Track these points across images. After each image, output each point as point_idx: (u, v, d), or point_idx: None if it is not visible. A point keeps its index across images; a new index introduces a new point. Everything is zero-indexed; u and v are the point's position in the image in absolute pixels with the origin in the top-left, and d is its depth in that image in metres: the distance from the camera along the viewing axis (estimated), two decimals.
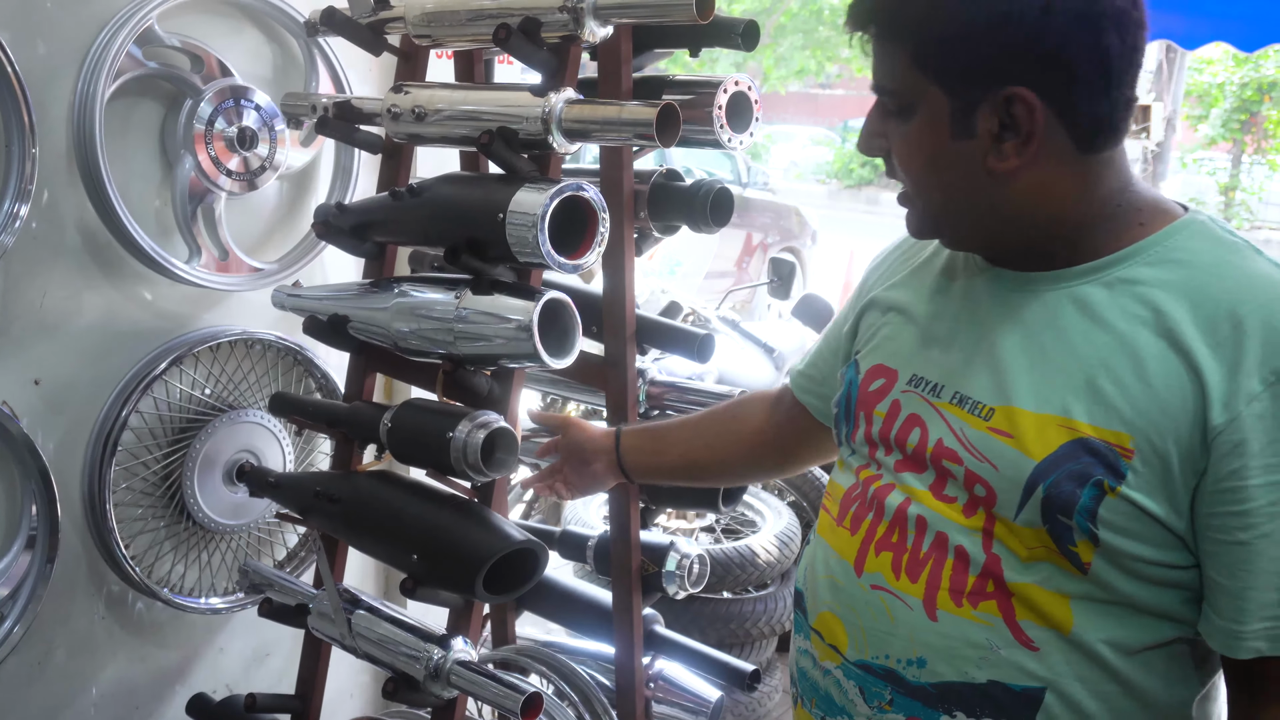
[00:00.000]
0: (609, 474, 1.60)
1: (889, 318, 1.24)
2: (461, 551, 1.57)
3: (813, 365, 1.41)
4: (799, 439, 1.47)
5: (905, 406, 1.15)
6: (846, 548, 1.15)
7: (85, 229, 1.95)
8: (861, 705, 1.12)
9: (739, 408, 1.57)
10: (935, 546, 1.08)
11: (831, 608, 1.15)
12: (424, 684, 1.68)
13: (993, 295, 1.13)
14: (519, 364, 1.62)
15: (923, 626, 1.07)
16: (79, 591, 2.06)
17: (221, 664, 2.34)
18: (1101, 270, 1.05)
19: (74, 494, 2.01)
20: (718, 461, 1.56)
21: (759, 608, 3.15)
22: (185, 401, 2.12)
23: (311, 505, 1.84)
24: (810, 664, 1.19)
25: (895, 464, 1.14)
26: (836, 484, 1.23)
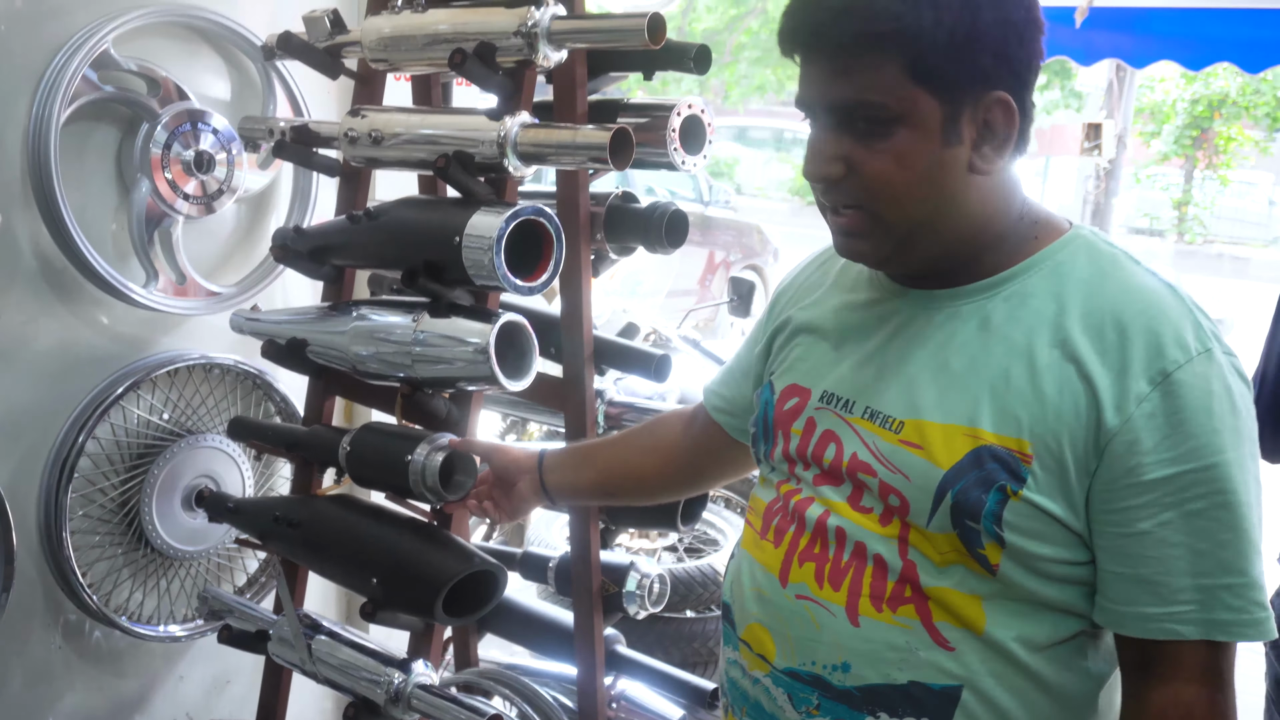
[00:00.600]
0: (533, 494, 1.60)
1: (799, 339, 1.27)
2: (421, 574, 1.57)
3: (725, 385, 1.43)
4: (712, 456, 1.48)
5: (820, 423, 1.18)
6: (771, 560, 1.18)
7: (40, 253, 1.95)
8: (790, 711, 1.14)
9: (657, 426, 1.58)
10: (855, 555, 1.11)
11: (759, 619, 1.17)
12: (385, 708, 1.68)
13: (899, 313, 1.17)
14: (477, 387, 1.63)
15: (846, 632, 1.10)
16: (35, 621, 2.04)
17: (182, 692, 2.32)
18: (1000, 286, 1.10)
19: (29, 521, 1.99)
20: (634, 479, 1.56)
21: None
22: (143, 427, 2.11)
23: (271, 530, 1.83)
24: (739, 674, 1.21)
25: (814, 478, 1.17)
26: (758, 499, 1.26)
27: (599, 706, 2.15)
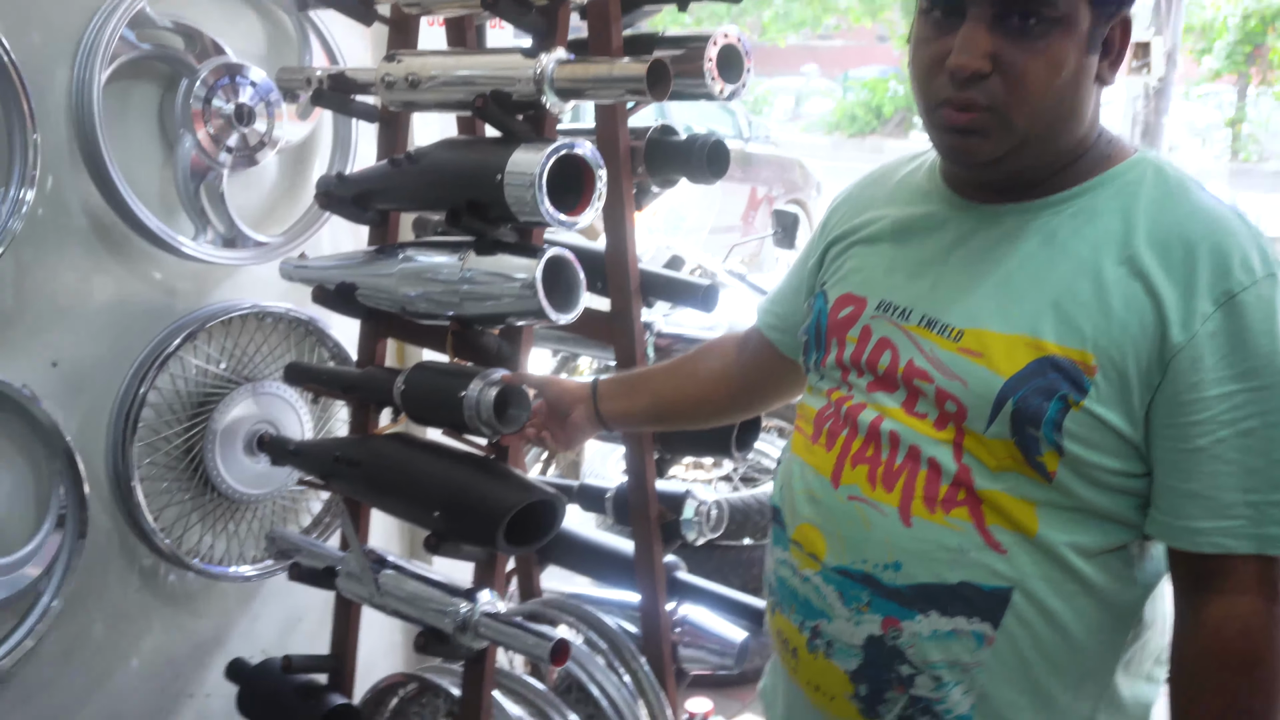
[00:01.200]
0: (587, 423, 1.63)
1: (855, 251, 1.28)
2: (481, 505, 1.60)
3: (777, 302, 1.44)
4: (767, 375, 1.50)
5: (876, 331, 1.19)
6: (822, 463, 1.20)
7: (91, 212, 1.98)
8: (839, 608, 1.16)
9: (710, 350, 1.59)
10: (909, 459, 1.13)
11: (810, 519, 1.20)
12: (453, 637, 1.73)
13: (960, 227, 1.18)
14: (526, 321, 1.65)
15: (898, 532, 1.12)
16: (112, 566, 2.12)
17: (256, 630, 2.40)
18: (1066, 202, 1.12)
19: (99, 472, 2.05)
20: (688, 403, 1.58)
21: None
22: (201, 376, 2.16)
23: (332, 470, 1.88)
24: (789, 573, 1.23)
25: (867, 385, 1.19)
26: (807, 406, 1.28)
27: (662, 631, 2.20)
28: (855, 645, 1.16)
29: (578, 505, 2.25)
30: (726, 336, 1.60)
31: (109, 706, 2.15)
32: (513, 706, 2.08)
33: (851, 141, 17.48)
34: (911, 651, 1.13)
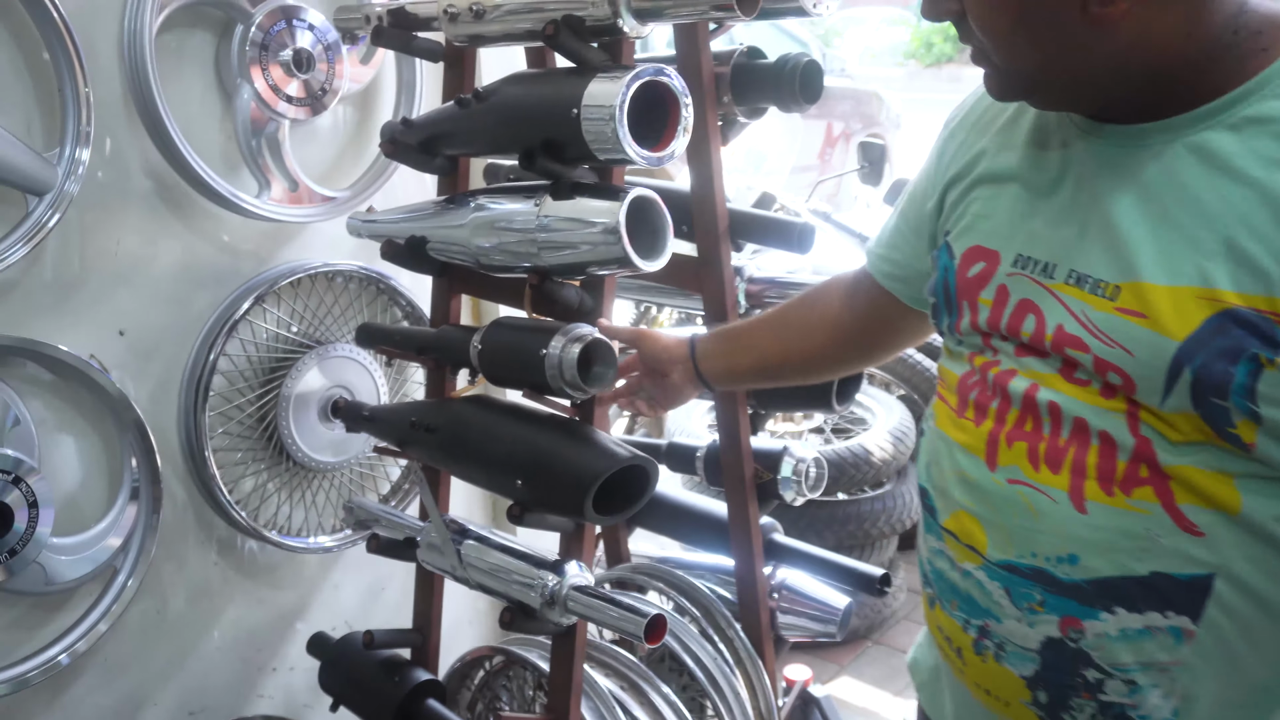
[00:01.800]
0: (687, 384, 1.50)
1: (978, 192, 1.09)
2: (568, 473, 1.48)
3: (893, 248, 1.27)
4: (884, 326, 1.35)
5: (1014, 291, 1.02)
6: (973, 441, 1.04)
7: (152, 171, 1.89)
8: (1009, 607, 1.01)
9: (814, 300, 1.44)
10: (1075, 433, 0.96)
11: (965, 506, 1.04)
12: (541, 612, 1.62)
13: (1098, 155, 0.99)
14: (609, 270, 1.51)
15: (1071, 520, 0.96)
16: (190, 539, 2.05)
17: (338, 601, 2.33)
18: (1224, 111, 0.91)
19: (172, 442, 1.98)
20: (796, 359, 1.44)
21: (876, 507, 3.05)
22: (272, 341, 2.07)
23: (408, 436, 1.78)
24: (947, 565, 1.08)
25: (1014, 350, 1.02)
26: (949, 371, 1.11)
27: (760, 597, 2.07)
28: (1030, 649, 1.01)
29: (666, 465, 2.12)
30: (831, 283, 1.44)
31: (191, 682, 2.10)
32: (603, 679, 1.98)
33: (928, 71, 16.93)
34: (1098, 654, 0.98)
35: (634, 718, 1.93)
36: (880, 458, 3.01)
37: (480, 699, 2.16)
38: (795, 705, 2.30)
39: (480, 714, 2.16)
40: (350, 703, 1.98)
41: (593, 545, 1.70)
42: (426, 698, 1.91)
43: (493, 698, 2.16)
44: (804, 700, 2.32)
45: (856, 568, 1.97)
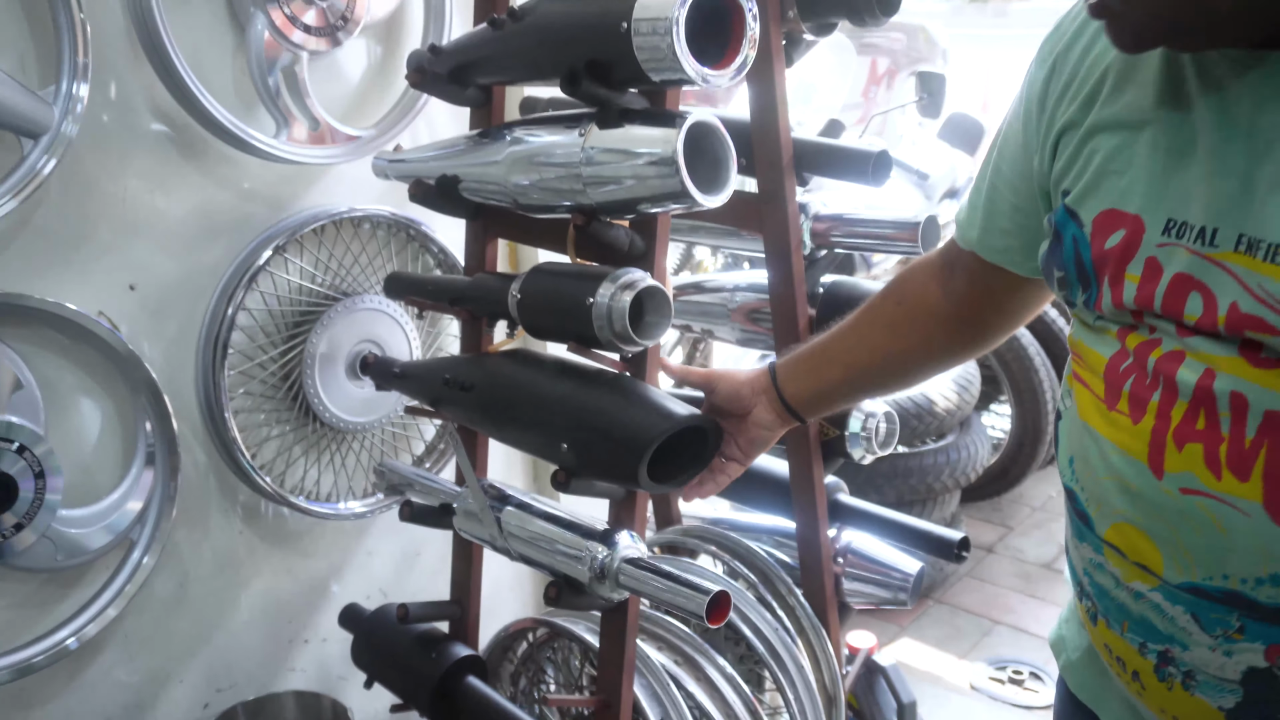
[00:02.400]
0: (775, 420, 1.31)
1: (1101, 141, 0.90)
2: (620, 436, 1.33)
3: (995, 216, 1.07)
4: (993, 305, 1.16)
5: (1168, 265, 0.84)
6: (1131, 442, 0.86)
7: (160, 112, 1.73)
8: (1198, 634, 0.85)
9: (899, 293, 1.24)
10: (1267, 429, 0.78)
11: (1129, 519, 0.87)
12: (590, 586, 1.47)
13: (1256, 90, 0.80)
14: (663, 207, 1.34)
15: (1270, 535, 0.79)
16: (213, 507, 1.92)
17: (372, 568, 2.20)
18: None
19: (189, 404, 1.84)
20: (896, 361, 1.25)
21: (939, 460, 2.88)
22: (295, 293, 1.92)
23: (442, 395, 1.63)
24: (1110, 583, 0.91)
25: (1177, 330, 0.84)
26: (1091, 350, 0.92)
27: (824, 562, 1.92)
28: (1230, 680, 0.85)
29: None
30: (914, 271, 1.23)
31: (219, 655, 1.98)
32: (655, 654, 1.84)
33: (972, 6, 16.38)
34: None
35: (689, 694, 1.79)
36: (944, 407, 2.83)
37: (524, 673, 2.03)
38: (859, 675, 2.16)
39: (524, 689, 2.04)
40: (385, 680, 1.85)
41: (644, 513, 1.55)
42: (466, 675, 1.78)
43: (537, 670, 2.03)
44: (868, 669, 2.17)
45: (932, 531, 1.81)
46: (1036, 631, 2.87)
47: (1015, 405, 3.29)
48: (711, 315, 1.94)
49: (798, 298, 1.71)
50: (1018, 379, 3.25)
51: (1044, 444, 3.28)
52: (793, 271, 1.69)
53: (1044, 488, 3.76)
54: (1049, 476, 3.85)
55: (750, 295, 1.88)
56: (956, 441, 2.94)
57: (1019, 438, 3.29)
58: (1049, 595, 3.05)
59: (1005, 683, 2.64)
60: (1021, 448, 3.29)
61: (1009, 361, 3.24)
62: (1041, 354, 3.28)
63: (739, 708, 1.82)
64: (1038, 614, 2.96)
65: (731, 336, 1.93)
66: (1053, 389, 3.27)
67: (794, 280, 1.70)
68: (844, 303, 1.73)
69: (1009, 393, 3.31)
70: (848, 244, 1.71)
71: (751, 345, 1.94)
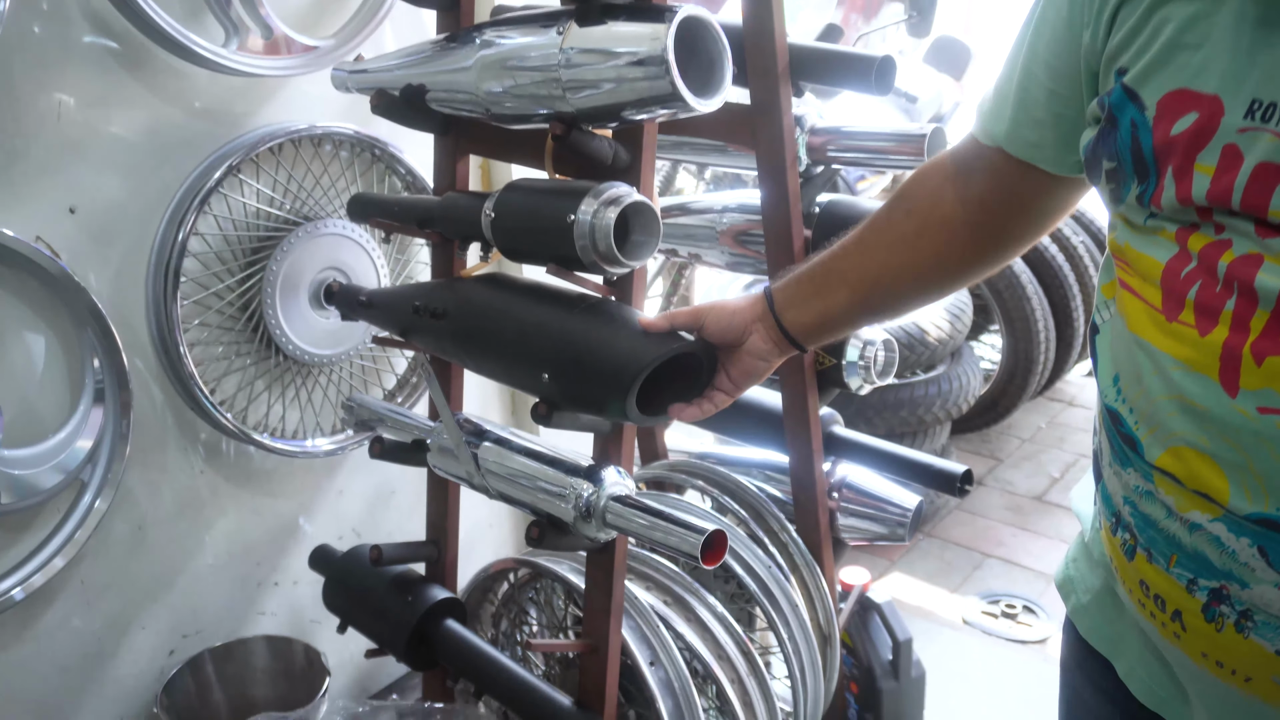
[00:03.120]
0: (772, 349, 1.19)
1: (1174, 10, 0.77)
2: (606, 363, 1.22)
3: (1029, 106, 0.94)
4: (1019, 208, 1.03)
5: (1249, 152, 0.72)
6: (1198, 356, 0.76)
7: (95, 18, 1.59)
8: (1264, 570, 0.75)
9: (908, 201, 1.10)
10: None
11: (1192, 442, 0.77)
12: (575, 526, 1.38)
13: None
14: (649, 113, 1.22)
15: None
16: (170, 445, 1.81)
17: (343, 508, 2.10)
18: None
19: (141, 337, 1.72)
20: (907, 277, 1.11)
21: (930, 391, 2.79)
22: (252, 217, 1.79)
23: (413, 324, 1.52)
24: (1160, 512, 0.82)
25: (1255, 229, 0.73)
26: (1143, 255, 0.81)
27: (819, 497, 1.83)
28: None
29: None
30: (924, 176, 1.09)
31: (184, 600, 1.88)
32: (643, 594, 1.75)
33: None
34: None
35: (679, 636, 1.71)
36: (936, 337, 2.74)
37: (505, 615, 1.94)
38: (853, 612, 2.08)
39: (505, 631, 1.95)
40: (359, 624, 1.76)
41: (632, 447, 1.45)
42: (445, 618, 1.69)
43: (519, 612, 1.94)
44: (863, 606, 2.10)
45: (932, 464, 1.72)
46: (1029, 565, 2.81)
47: (1007, 335, 3.20)
48: (698, 238, 1.82)
49: (792, 218, 1.60)
50: (1009, 307, 3.15)
51: (1035, 374, 3.20)
52: (787, 189, 1.57)
53: (1033, 419, 3.69)
54: (1038, 407, 3.78)
55: (740, 216, 1.76)
56: (948, 372, 2.85)
57: (1010, 368, 3.21)
58: (1040, 528, 2.99)
59: (998, 616, 2.58)
60: (1013, 378, 3.21)
61: (1000, 289, 3.14)
62: (1034, 281, 3.18)
63: (732, 649, 1.74)
64: (1029, 547, 2.90)
65: (720, 260, 1.82)
66: (1045, 318, 3.18)
67: (789, 199, 1.58)
68: (841, 223, 1.62)
69: (1000, 322, 3.22)
70: (846, 159, 1.59)
71: (741, 269, 1.83)
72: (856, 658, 2.11)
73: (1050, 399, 3.85)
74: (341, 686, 2.17)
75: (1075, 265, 3.33)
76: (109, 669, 1.80)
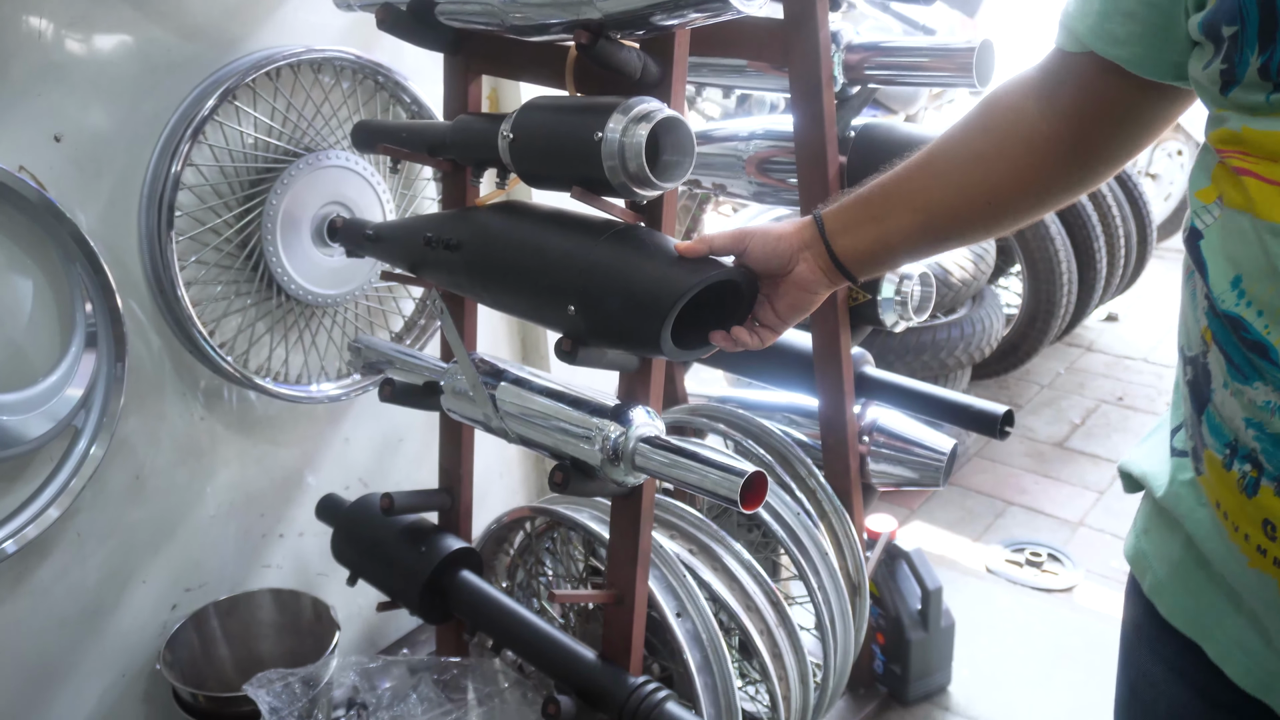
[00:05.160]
0: (821, 279, 1.08)
1: None
2: (638, 293, 1.12)
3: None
4: (1110, 122, 0.92)
5: None
6: None
7: None
8: None
9: (986, 119, 0.98)
10: None
11: None
12: (602, 470, 1.29)
13: None
14: (682, 18, 1.12)
15: None
16: (168, 391, 1.72)
17: (350, 457, 2.01)
18: None
19: (134, 275, 1.63)
20: (982, 201, 0.98)
21: (953, 334, 2.69)
22: (250, 148, 1.69)
23: (424, 257, 1.42)
24: None
25: None
26: (1270, 134, 0.71)
27: (850, 441, 1.75)
28: None
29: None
30: (1005, 93, 0.97)
31: (186, 553, 1.80)
32: (668, 543, 1.67)
33: None
34: None
35: (706, 585, 1.63)
36: (960, 278, 2.64)
37: (521, 565, 1.86)
38: (880, 560, 2.01)
39: (521, 583, 1.87)
40: (370, 575, 1.68)
41: (660, 386, 1.36)
42: (459, 568, 1.61)
43: (535, 563, 1.86)
44: (890, 555, 2.03)
45: (971, 405, 1.63)
46: (1052, 512, 2.74)
47: (1029, 277, 3.10)
48: (722, 168, 1.72)
49: (828, 141, 1.49)
50: (1032, 248, 3.05)
51: (1057, 317, 3.11)
52: (823, 111, 1.47)
53: (1051, 364, 3.60)
54: (1056, 353, 3.69)
55: (767, 143, 1.66)
56: (971, 314, 2.75)
57: (1031, 311, 3.11)
58: (1063, 475, 2.92)
59: (1023, 565, 2.51)
60: (1034, 321, 3.12)
61: (1023, 230, 3.04)
62: (1057, 222, 3.08)
63: (760, 598, 1.66)
64: (1052, 494, 2.82)
65: (745, 191, 1.72)
66: (1068, 259, 3.08)
67: (824, 121, 1.48)
68: (880, 147, 1.52)
69: (1022, 263, 3.12)
70: (885, 78, 1.49)
71: (767, 200, 1.73)
72: (883, 608, 2.04)
73: (1069, 344, 3.76)
74: (350, 641, 2.10)
75: (1099, 205, 3.23)
76: (109, 624, 1.72)
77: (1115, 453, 3.01)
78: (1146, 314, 4.00)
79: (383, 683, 1.68)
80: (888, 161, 1.05)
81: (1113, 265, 3.29)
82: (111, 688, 1.74)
